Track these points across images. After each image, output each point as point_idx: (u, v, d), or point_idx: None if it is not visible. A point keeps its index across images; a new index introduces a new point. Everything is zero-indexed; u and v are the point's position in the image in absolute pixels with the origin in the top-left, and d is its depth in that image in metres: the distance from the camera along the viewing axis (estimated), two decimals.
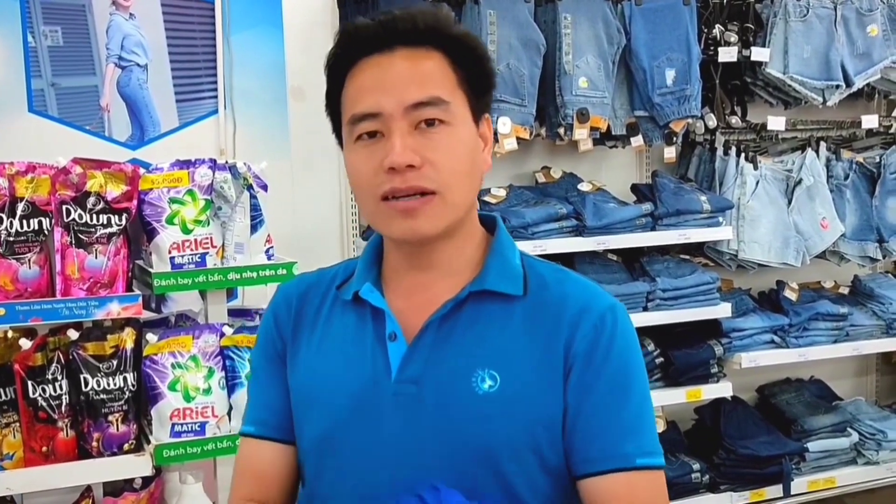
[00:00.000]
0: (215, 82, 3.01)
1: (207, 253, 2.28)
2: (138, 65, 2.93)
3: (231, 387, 2.27)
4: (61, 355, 2.16)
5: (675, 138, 3.40)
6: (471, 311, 1.09)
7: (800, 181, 3.59)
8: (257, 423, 1.19)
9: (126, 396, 2.19)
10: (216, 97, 3.02)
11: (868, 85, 3.71)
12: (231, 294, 2.54)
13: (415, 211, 1.04)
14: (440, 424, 1.05)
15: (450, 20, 1.09)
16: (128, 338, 2.22)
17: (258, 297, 2.64)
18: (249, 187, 2.35)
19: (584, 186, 3.32)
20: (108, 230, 2.20)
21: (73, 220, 2.16)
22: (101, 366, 2.18)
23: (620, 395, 1.06)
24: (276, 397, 1.17)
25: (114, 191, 2.22)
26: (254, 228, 2.38)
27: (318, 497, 1.14)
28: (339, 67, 1.09)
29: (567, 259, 3.23)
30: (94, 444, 2.17)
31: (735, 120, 3.55)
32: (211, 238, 2.28)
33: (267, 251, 2.41)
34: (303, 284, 1.20)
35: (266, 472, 1.17)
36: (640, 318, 3.17)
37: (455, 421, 1.05)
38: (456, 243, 1.10)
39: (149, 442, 2.22)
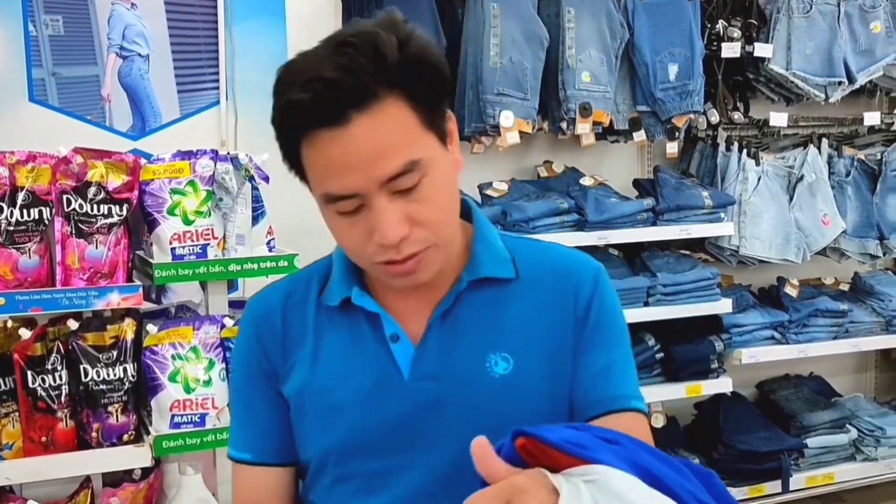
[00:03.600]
0: (217, 73, 3.00)
1: (209, 244, 2.27)
2: (140, 55, 2.92)
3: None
4: (61, 345, 2.16)
5: (677, 134, 3.39)
6: (470, 299, 1.09)
7: (801, 177, 3.59)
8: (253, 450, 1.15)
9: (126, 387, 2.19)
10: (218, 88, 3.00)
11: (870, 82, 3.70)
12: (232, 286, 2.54)
13: (412, 271, 1.02)
14: (463, 415, 1.05)
15: (392, 45, 0.95)
16: (128, 328, 2.21)
17: (259, 288, 2.63)
18: (251, 178, 2.34)
19: (585, 181, 3.31)
20: (109, 220, 2.19)
21: (74, 209, 2.16)
22: (100, 356, 2.17)
23: (615, 346, 1.12)
24: (267, 420, 1.14)
25: (115, 181, 2.21)
26: (255, 220, 2.37)
27: None
28: (291, 137, 0.99)
29: None
30: (94, 434, 2.17)
31: (737, 116, 3.54)
32: (212, 229, 2.28)
33: (268, 243, 2.40)
34: (278, 296, 1.16)
35: (270, 500, 1.15)
36: (640, 313, 3.16)
37: (477, 409, 1.05)
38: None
39: (148, 433, 2.22)
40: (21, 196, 2.13)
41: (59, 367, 2.14)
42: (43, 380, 2.12)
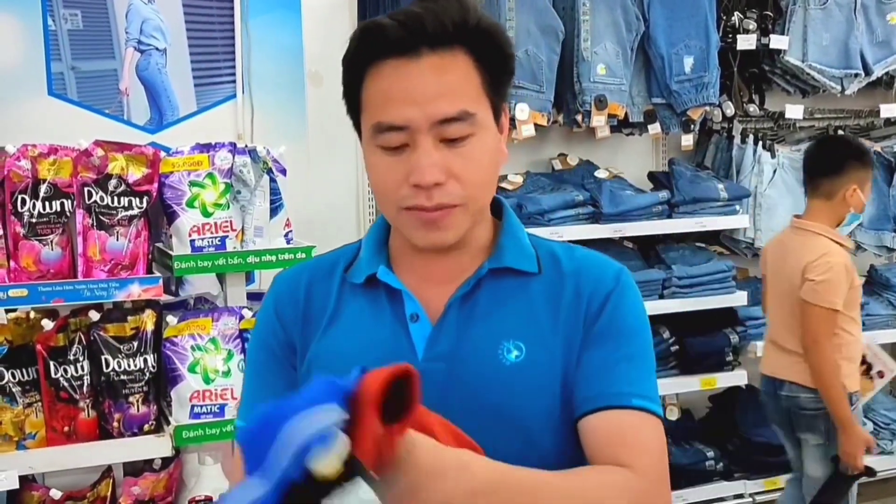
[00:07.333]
0: (233, 66, 3.02)
1: (227, 236, 2.29)
2: (157, 49, 2.94)
3: None
4: (82, 336, 2.18)
5: (692, 126, 3.39)
6: (490, 287, 1.11)
7: None
8: None
9: (146, 378, 2.21)
10: (234, 81, 3.02)
11: (887, 73, 3.69)
12: (249, 278, 2.55)
13: (438, 222, 1.04)
14: (472, 399, 1.06)
15: (476, 10, 1.05)
16: (148, 319, 2.23)
17: None
18: (269, 171, 2.35)
19: (600, 173, 3.31)
20: (130, 212, 2.21)
21: (95, 202, 2.18)
22: (121, 347, 2.20)
23: (622, 345, 1.09)
24: (282, 390, 1.12)
25: (135, 173, 2.23)
26: (273, 212, 2.39)
27: None
28: (359, 64, 1.06)
29: (582, 246, 3.23)
30: (115, 424, 2.20)
31: (753, 108, 3.53)
32: (231, 221, 2.29)
33: (286, 235, 2.42)
34: (304, 273, 1.18)
35: None
36: (656, 306, 3.17)
37: (486, 394, 1.07)
38: (471, 229, 1.11)
39: (168, 423, 2.24)
40: (43, 188, 2.15)
41: (80, 358, 2.16)
42: (65, 370, 2.15)
